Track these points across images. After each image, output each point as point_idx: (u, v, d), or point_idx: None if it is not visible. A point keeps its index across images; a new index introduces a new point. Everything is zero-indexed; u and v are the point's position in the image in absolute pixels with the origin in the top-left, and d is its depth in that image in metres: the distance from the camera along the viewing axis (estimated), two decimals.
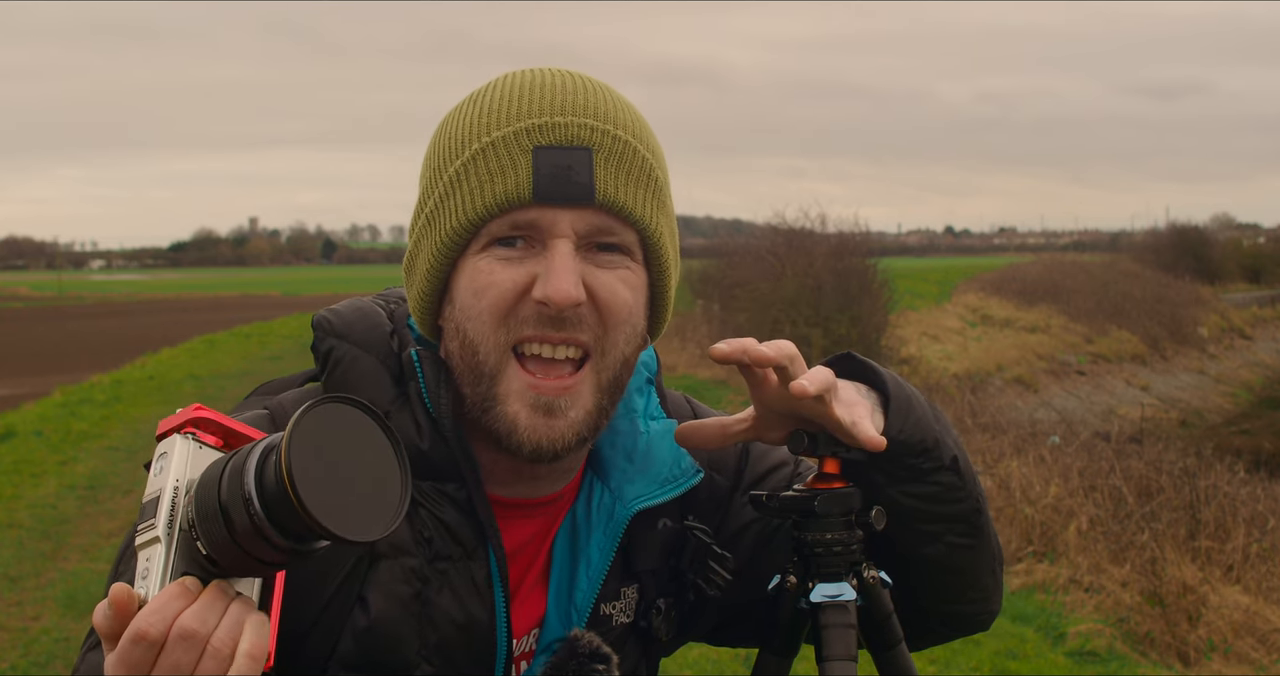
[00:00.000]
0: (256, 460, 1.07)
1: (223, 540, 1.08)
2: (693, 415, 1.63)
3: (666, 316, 1.49)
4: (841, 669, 1.41)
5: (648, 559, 1.53)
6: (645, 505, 1.49)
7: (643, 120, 1.44)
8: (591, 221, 1.36)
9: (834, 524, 1.44)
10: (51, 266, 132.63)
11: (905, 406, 1.45)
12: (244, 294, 60.69)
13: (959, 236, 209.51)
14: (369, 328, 1.46)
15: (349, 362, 1.43)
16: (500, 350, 1.37)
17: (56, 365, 23.63)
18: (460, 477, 1.41)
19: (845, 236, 22.30)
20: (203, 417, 1.17)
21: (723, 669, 6.44)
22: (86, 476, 11.44)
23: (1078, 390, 26.95)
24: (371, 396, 1.40)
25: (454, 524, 1.41)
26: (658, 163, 1.42)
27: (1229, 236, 70.46)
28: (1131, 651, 7.56)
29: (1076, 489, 10.34)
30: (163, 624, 1.07)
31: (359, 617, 1.37)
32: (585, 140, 1.35)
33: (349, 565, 1.37)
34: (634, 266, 1.40)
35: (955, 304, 36.24)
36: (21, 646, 6.73)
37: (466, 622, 1.41)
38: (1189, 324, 36.10)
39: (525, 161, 1.34)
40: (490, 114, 1.38)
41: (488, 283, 1.36)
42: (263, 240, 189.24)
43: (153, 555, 1.11)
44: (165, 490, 1.12)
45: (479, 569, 1.42)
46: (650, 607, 1.54)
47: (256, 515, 1.06)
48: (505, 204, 1.35)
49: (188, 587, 1.09)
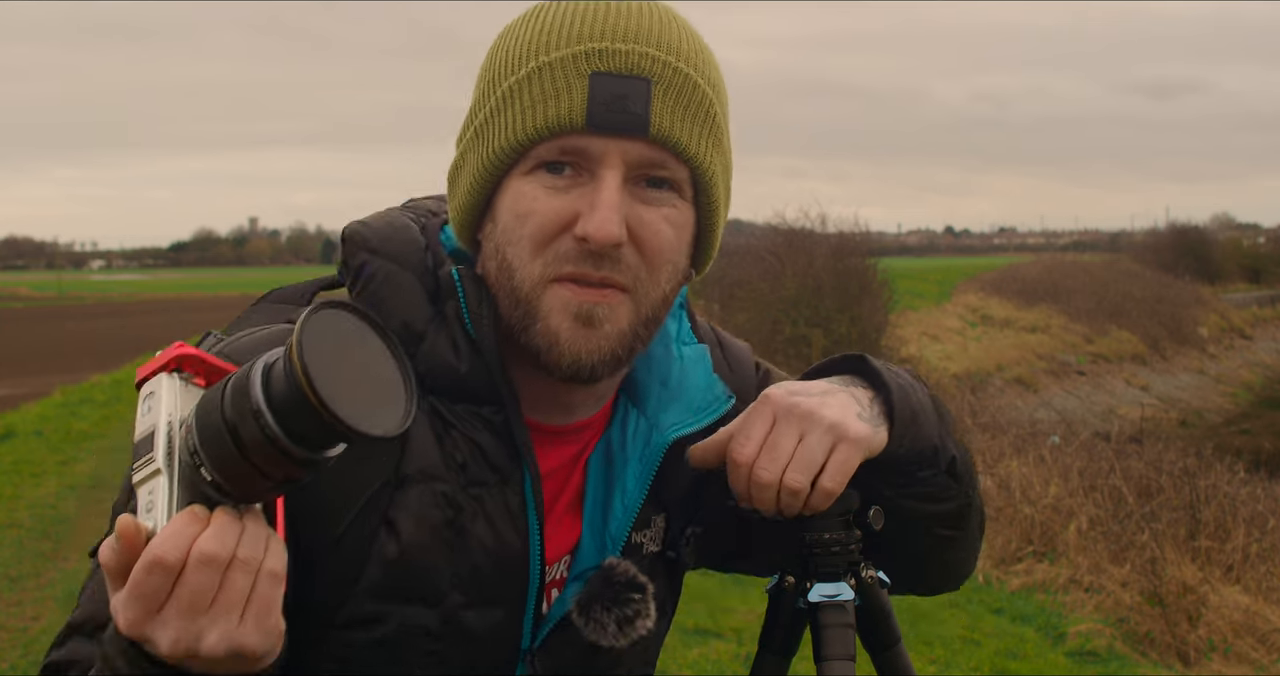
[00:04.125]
0: (260, 373, 1.04)
1: (232, 460, 1.05)
2: (718, 342, 1.61)
3: (712, 253, 1.44)
4: (840, 668, 1.41)
5: (676, 487, 1.49)
6: (681, 432, 1.45)
7: (709, 54, 1.39)
8: (643, 154, 1.31)
9: (832, 524, 1.44)
10: (51, 266, 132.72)
11: (910, 417, 1.44)
12: (244, 294, 60.60)
13: (959, 236, 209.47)
14: (405, 242, 1.40)
15: (384, 278, 1.37)
16: (536, 280, 1.33)
17: (56, 365, 23.63)
18: (497, 400, 1.37)
19: (845, 236, 22.29)
20: (186, 355, 1.13)
21: (723, 669, 6.43)
22: (86, 476, 11.43)
23: (1078, 390, 26.95)
24: (406, 315, 1.35)
25: (489, 447, 1.36)
26: (718, 99, 1.37)
27: (1229, 236, 70.45)
28: (1131, 651, 7.56)
29: (1076, 489, 10.34)
30: (179, 549, 1.04)
31: (388, 545, 1.32)
32: (645, 70, 1.30)
33: (374, 487, 1.32)
34: (680, 204, 1.36)
35: (955, 304, 36.25)
36: (21, 646, 6.73)
37: (500, 550, 1.36)
38: (1189, 324, 36.11)
39: (581, 86, 1.29)
40: (550, 33, 1.33)
41: (530, 209, 1.32)
42: (262, 240, 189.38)
43: (155, 488, 1.08)
44: (159, 426, 1.09)
45: (514, 495, 1.37)
46: (680, 536, 1.52)
47: (267, 425, 1.02)
48: (556, 128, 1.30)
49: (198, 514, 1.06)
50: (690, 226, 1.38)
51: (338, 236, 1.48)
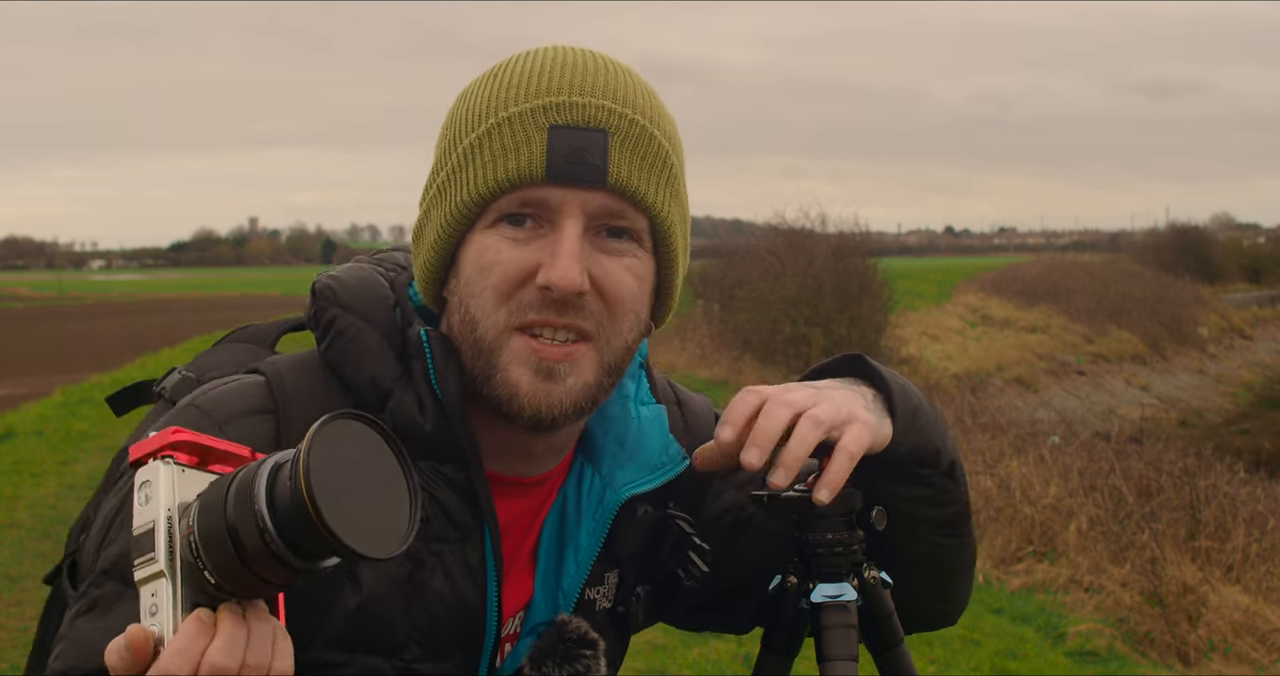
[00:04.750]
0: (266, 480, 1.06)
1: (232, 565, 1.06)
2: (676, 401, 1.64)
3: (671, 305, 1.48)
4: (842, 669, 1.41)
5: (629, 545, 1.53)
6: (635, 492, 1.49)
7: (662, 107, 1.42)
8: (602, 204, 1.35)
9: (835, 524, 1.44)
10: (51, 266, 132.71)
11: (911, 414, 1.45)
12: (244, 294, 60.66)
13: (959, 236, 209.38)
14: (374, 300, 1.44)
15: (353, 335, 1.40)
16: (500, 329, 1.36)
17: (56, 365, 23.62)
18: (460, 458, 1.40)
19: (845, 236, 22.32)
20: (181, 441, 1.14)
21: (723, 669, 6.44)
22: (86, 476, 11.43)
23: (1078, 390, 26.96)
24: (374, 371, 1.39)
25: (451, 506, 1.40)
26: (674, 150, 1.41)
27: (1229, 236, 70.44)
28: (1131, 651, 7.57)
29: (1076, 489, 10.34)
30: (189, 665, 1.06)
31: (350, 597, 1.36)
32: (602, 122, 1.34)
33: None
34: (641, 254, 1.40)
35: (955, 304, 36.24)
36: (21, 646, 6.73)
37: (458, 604, 1.41)
38: (1189, 324, 36.12)
39: (540, 139, 1.33)
40: (509, 89, 1.37)
41: (493, 261, 1.35)
42: (262, 240, 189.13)
43: (159, 590, 1.09)
44: (159, 520, 1.09)
45: (473, 551, 1.41)
46: (630, 594, 1.55)
47: (270, 537, 1.04)
48: (517, 180, 1.34)
49: (204, 622, 1.07)
50: (650, 277, 1.42)
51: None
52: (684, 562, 1.53)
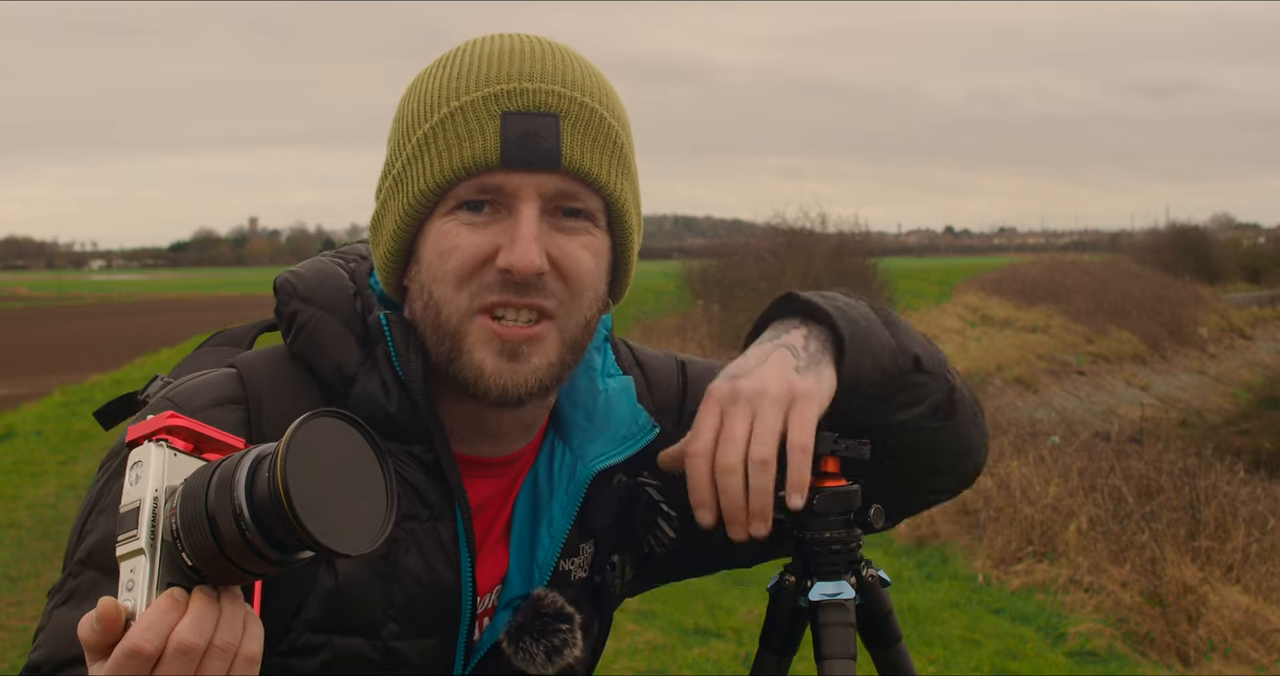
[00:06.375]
0: (246, 472, 1.08)
1: (209, 551, 1.09)
2: (636, 364, 1.65)
3: (628, 281, 1.52)
4: (840, 667, 1.41)
5: (603, 515, 1.55)
6: (605, 464, 1.51)
7: (610, 88, 1.46)
8: (557, 186, 1.38)
9: (833, 522, 1.44)
10: (51, 266, 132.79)
11: (858, 334, 1.47)
12: (244, 294, 60.63)
13: (959, 236, 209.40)
14: (333, 290, 1.47)
15: (315, 326, 1.44)
16: (463, 312, 1.39)
17: (56, 365, 23.63)
18: (427, 439, 1.43)
19: (845, 236, 22.37)
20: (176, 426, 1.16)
21: (723, 669, 6.44)
22: (86, 476, 11.43)
23: (1078, 390, 26.96)
24: (339, 359, 1.42)
25: (421, 485, 1.43)
26: (623, 130, 1.45)
27: (1229, 236, 70.41)
28: (1131, 651, 7.56)
29: (1076, 489, 10.34)
30: (158, 638, 1.07)
31: (325, 578, 1.39)
32: (552, 106, 1.38)
33: None
34: (597, 232, 1.43)
35: (955, 304, 36.24)
36: (21, 646, 6.73)
37: (433, 582, 1.43)
38: (1189, 324, 36.10)
39: (493, 126, 1.36)
40: (460, 79, 1.40)
41: (453, 245, 1.38)
42: (262, 240, 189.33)
43: (136, 567, 1.11)
44: (145, 500, 1.12)
45: (445, 529, 1.44)
46: (605, 563, 1.57)
47: (247, 527, 1.06)
48: (473, 168, 1.37)
49: (176, 599, 1.09)
50: (607, 254, 1.45)
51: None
52: (653, 529, 1.55)
